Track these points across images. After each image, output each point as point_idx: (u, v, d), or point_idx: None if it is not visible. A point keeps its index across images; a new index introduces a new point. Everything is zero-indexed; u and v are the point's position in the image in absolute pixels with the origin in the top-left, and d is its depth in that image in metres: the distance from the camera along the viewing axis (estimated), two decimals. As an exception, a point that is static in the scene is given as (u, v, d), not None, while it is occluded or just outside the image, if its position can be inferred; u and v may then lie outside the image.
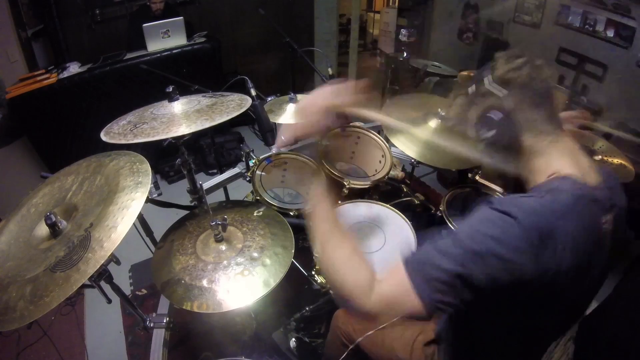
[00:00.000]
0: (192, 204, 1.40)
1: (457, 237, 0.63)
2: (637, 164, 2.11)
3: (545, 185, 0.69)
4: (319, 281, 1.34)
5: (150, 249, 1.31)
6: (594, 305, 1.85)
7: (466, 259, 0.59)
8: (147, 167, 0.90)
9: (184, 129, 0.97)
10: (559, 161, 0.72)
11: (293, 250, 1.09)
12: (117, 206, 0.79)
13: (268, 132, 1.36)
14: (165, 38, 2.80)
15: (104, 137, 0.99)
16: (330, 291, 1.32)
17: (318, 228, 0.76)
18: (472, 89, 0.79)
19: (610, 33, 2.84)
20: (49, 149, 2.66)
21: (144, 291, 2.07)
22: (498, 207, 0.64)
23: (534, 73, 0.72)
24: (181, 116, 1.05)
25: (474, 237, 0.61)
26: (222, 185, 1.71)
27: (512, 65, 0.73)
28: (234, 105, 1.11)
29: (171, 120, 1.03)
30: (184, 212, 1.31)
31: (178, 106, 1.11)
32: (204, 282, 0.98)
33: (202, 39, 3.02)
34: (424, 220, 1.72)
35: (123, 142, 0.94)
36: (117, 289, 0.94)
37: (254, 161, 1.56)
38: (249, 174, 1.56)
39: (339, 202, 1.25)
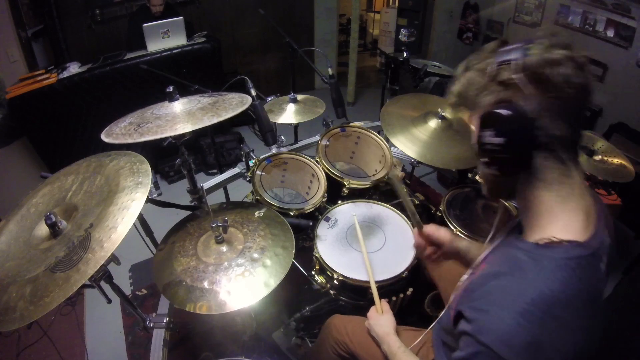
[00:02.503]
0: (192, 204, 1.40)
1: None
2: (637, 164, 2.11)
3: (538, 259, 0.60)
4: (319, 281, 1.34)
5: (150, 249, 1.31)
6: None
7: None
8: (147, 167, 0.90)
9: (190, 126, 0.97)
10: (563, 207, 0.62)
11: (293, 251, 1.09)
12: (117, 206, 0.79)
13: (268, 132, 1.36)
14: (165, 38, 2.79)
15: (105, 138, 0.98)
16: (331, 291, 1.32)
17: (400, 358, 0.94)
18: (492, 67, 0.62)
19: (610, 33, 2.84)
20: (49, 149, 2.67)
21: (144, 291, 2.07)
22: (480, 339, 0.57)
23: (572, 76, 0.57)
24: (185, 114, 1.05)
25: None
26: (222, 185, 1.71)
27: (552, 56, 0.57)
28: (236, 102, 1.11)
29: (175, 118, 1.03)
30: (184, 213, 1.31)
31: (179, 106, 1.11)
32: (205, 284, 0.98)
33: (202, 39, 3.02)
34: (424, 221, 1.72)
35: (129, 141, 0.93)
36: (117, 289, 0.94)
37: (254, 161, 1.56)
38: (249, 174, 1.56)
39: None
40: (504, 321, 0.56)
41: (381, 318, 1.07)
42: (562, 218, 0.62)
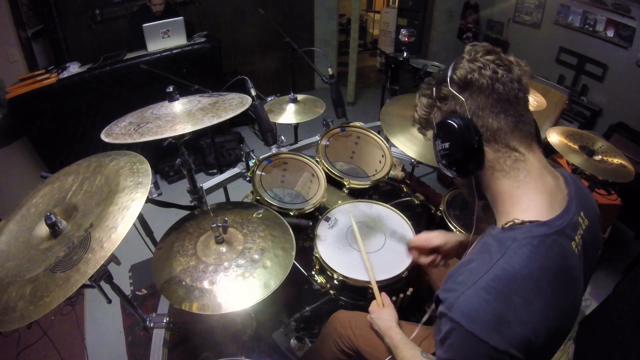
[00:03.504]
0: (192, 204, 1.40)
1: None
2: (637, 164, 2.11)
3: (502, 240, 0.63)
4: (319, 281, 1.34)
5: (150, 249, 1.31)
6: (594, 305, 1.85)
7: None
8: (147, 167, 0.90)
9: (190, 126, 0.97)
10: (522, 190, 0.66)
11: (294, 252, 1.09)
12: (117, 206, 0.79)
13: (268, 132, 1.36)
14: (165, 38, 2.80)
15: (105, 138, 0.98)
16: (331, 291, 1.32)
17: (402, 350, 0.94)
18: (434, 89, 0.72)
19: (610, 33, 2.84)
20: (49, 149, 2.67)
21: (144, 291, 2.07)
22: (450, 315, 0.61)
23: (498, 74, 0.64)
24: (185, 115, 1.04)
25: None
26: (222, 185, 1.71)
27: (475, 65, 0.65)
28: (236, 102, 1.10)
29: (175, 118, 1.03)
30: (184, 212, 1.30)
31: (179, 106, 1.11)
32: (205, 284, 0.97)
33: (202, 39, 3.02)
34: (424, 220, 1.72)
35: (129, 141, 0.93)
36: (117, 289, 0.94)
37: (254, 161, 1.56)
38: (249, 174, 1.56)
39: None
40: (470, 297, 0.59)
41: (383, 312, 1.07)
42: (523, 201, 0.66)
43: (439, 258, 1.04)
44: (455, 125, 0.66)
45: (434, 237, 1.04)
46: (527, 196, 0.66)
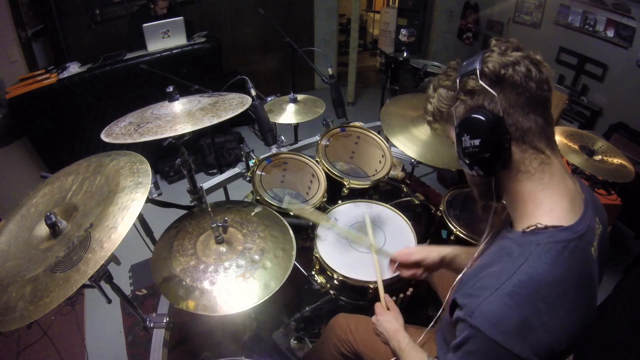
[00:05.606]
0: (192, 204, 1.40)
1: None
2: (637, 164, 2.10)
3: (525, 244, 0.62)
4: (318, 281, 1.34)
5: (150, 249, 1.31)
6: (594, 305, 1.85)
7: None
8: (147, 167, 0.90)
9: (190, 126, 0.97)
10: (546, 193, 0.65)
11: (294, 253, 1.09)
12: (117, 206, 0.79)
13: (268, 132, 1.36)
14: (165, 38, 2.79)
15: (105, 138, 0.98)
16: (331, 291, 1.32)
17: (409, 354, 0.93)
18: (458, 80, 0.68)
19: (610, 33, 2.84)
20: (49, 149, 2.67)
21: (144, 291, 2.07)
22: (470, 321, 0.59)
23: (532, 72, 0.62)
24: (185, 115, 1.04)
25: None
26: (222, 185, 1.71)
27: (508, 59, 0.62)
28: (236, 102, 1.11)
29: (175, 118, 1.03)
30: (184, 212, 1.31)
31: (179, 106, 1.11)
32: (205, 284, 0.97)
33: (202, 39, 3.02)
34: (424, 220, 1.72)
35: (129, 141, 0.93)
36: (117, 289, 0.94)
37: (254, 161, 1.56)
38: (249, 174, 1.56)
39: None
40: (493, 303, 0.58)
41: (390, 314, 1.07)
42: (546, 204, 0.65)
43: (420, 271, 1.08)
44: (488, 121, 0.62)
45: (414, 252, 1.07)
46: (551, 199, 0.65)
